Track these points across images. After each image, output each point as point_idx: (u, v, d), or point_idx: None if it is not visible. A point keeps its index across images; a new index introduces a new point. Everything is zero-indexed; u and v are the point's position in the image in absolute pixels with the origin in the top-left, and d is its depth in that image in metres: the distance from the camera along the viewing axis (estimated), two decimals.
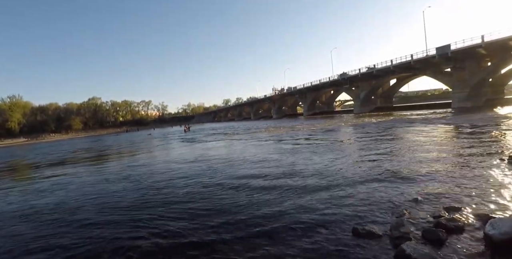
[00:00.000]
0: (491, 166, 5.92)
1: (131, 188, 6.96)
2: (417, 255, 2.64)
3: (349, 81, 56.85)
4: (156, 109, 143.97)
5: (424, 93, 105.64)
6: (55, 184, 8.74)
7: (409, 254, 2.66)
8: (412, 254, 2.66)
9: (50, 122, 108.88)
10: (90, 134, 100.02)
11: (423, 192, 4.58)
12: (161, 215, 4.64)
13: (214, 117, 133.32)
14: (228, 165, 9.05)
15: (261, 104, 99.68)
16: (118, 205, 5.53)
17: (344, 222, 3.70)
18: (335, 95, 74.97)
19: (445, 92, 77.23)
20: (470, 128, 13.64)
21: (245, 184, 6.23)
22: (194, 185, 6.70)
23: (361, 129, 18.61)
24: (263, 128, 30.52)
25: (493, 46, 32.43)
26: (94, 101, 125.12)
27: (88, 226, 4.45)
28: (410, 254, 2.66)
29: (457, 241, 2.97)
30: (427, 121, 20.32)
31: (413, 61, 41.85)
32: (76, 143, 44.25)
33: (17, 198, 7.24)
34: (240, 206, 4.78)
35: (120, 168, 10.80)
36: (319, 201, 4.62)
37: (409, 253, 2.67)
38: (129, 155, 16.69)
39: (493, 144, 8.69)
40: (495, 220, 3.06)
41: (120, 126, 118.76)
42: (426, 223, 3.43)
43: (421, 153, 8.19)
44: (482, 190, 4.45)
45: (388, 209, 4.00)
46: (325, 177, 6.25)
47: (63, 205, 5.96)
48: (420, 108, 45.03)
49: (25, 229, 4.65)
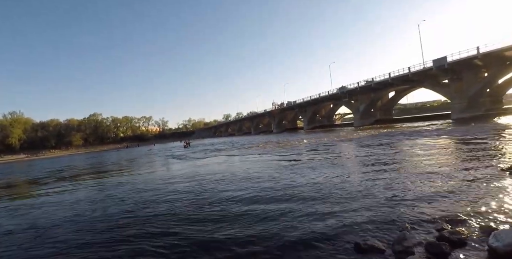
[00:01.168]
0: (492, 177, 5.87)
1: (111, 208, 6.82)
2: None
3: (348, 95, 57.30)
4: (157, 125, 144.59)
5: (423, 104, 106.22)
6: (30, 204, 8.79)
7: None
8: None
9: (50, 138, 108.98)
10: (90, 150, 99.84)
11: (425, 205, 4.53)
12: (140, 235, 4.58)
13: (215, 132, 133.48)
14: (226, 182, 8.97)
15: (261, 119, 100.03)
16: (94, 226, 5.40)
17: (346, 237, 3.63)
18: (334, 109, 75.34)
19: (444, 103, 77.67)
20: (470, 139, 13.62)
21: (242, 201, 6.17)
22: (183, 203, 6.63)
23: (360, 143, 18.59)
24: (263, 143, 30.47)
25: (489, 57, 32.91)
26: (95, 117, 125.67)
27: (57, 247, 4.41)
28: None
29: (461, 254, 2.91)
30: (427, 133, 20.32)
31: (410, 73, 42.35)
32: (75, 159, 44.08)
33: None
34: (237, 221, 4.72)
35: (110, 186, 10.67)
36: (319, 216, 4.55)
37: None
38: (123, 172, 16.59)
39: (494, 155, 8.66)
40: (498, 232, 3.02)
41: (120, 142, 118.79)
42: (429, 237, 3.37)
43: (422, 165, 8.15)
44: (484, 201, 4.41)
45: (390, 223, 3.94)
46: (325, 192, 6.17)
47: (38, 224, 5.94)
48: (419, 120, 45.13)
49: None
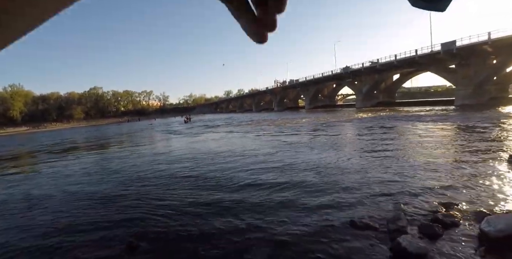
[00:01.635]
0: (491, 164, 5.94)
1: (105, 180, 7.11)
2: (412, 248, 2.70)
3: (352, 75, 56.51)
4: (157, 100, 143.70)
5: (427, 89, 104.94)
6: (27, 175, 8.93)
7: (405, 247, 2.72)
8: (408, 247, 2.71)
9: (51, 111, 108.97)
10: (91, 124, 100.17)
11: (421, 188, 4.62)
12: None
13: (216, 108, 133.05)
14: (223, 159, 9.09)
15: (263, 96, 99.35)
16: (84, 197, 5.67)
17: (342, 215, 3.75)
18: (337, 89, 74.57)
19: (449, 89, 76.71)
20: (472, 126, 13.61)
21: (243, 178, 6.29)
22: (179, 177, 6.76)
23: (361, 124, 18.59)
24: (265, 120, 30.49)
25: (500, 43, 32.06)
26: (96, 91, 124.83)
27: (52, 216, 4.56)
28: (405, 247, 2.71)
29: (453, 236, 3.02)
30: (429, 118, 20.27)
31: (417, 56, 41.49)
32: (76, 132, 44.36)
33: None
34: (236, 200, 4.84)
35: (107, 159, 10.89)
36: (316, 194, 4.67)
37: (404, 246, 2.73)
38: (122, 146, 16.77)
39: (494, 143, 8.69)
40: (491, 217, 3.11)
41: (121, 116, 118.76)
42: (423, 218, 3.48)
43: (421, 149, 8.21)
44: (481, 187, 4.49)
45: (386, 204, 4.05)
46: (322, 171, 6.29)
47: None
48: (422, 104, 44.78)
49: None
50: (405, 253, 2.68)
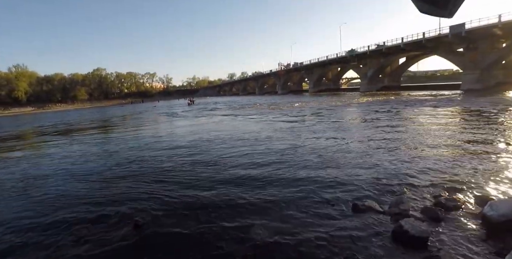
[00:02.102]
0: (496, 150, 5.91)
1: (103, 161, 7.17)
2: (414, 231, 2.72)
3: (357, 58, 55.49)
4: (161, 82, 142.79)
5: (433, 73, 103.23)
6: (31, 155, 8.97)
7: (407, 230, 2.74)
8: (410, 230, 2.73)
9: (56, 92, 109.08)
10: (95, 105, 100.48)
11: (425, 172, 4.62)
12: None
13: (219, 91, 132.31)
14: (225, 143, 9.11)
15: (266, 79, 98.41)
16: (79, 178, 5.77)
17: (345, 198, 3.78)
18: (342, 73, 73.55)
19: (455, 73, 75.34)
20: (478, 111, 13.45)
21: (243, 159, 6.32)
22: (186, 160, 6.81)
23: (365, 108, 18.46)
24: (268, 104, 30.35)
25: (511, 26, 31.15)
26: (99, 72, 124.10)
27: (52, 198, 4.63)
28: (407, 230, 2.74)
29: (455, 220, 3.04)
30: (434, 102, 20.03)
31: (424, 39, 40.48)
32: (81, 113, 44.56)
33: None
34: (232, 183, 4.88)
35: (109, 141, 10.96)
36: (319, 178, 4.68)
37: (406, 229, 2.75)
38: (127, 127, 16.83)
39: (500, 128, 8.61)
40: (494, 202, 3.12)
41: (125, 97, 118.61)
42: (425, 202, 3.50)
43: (426, 134, 8.16)
44: (484, 173, 4.48)
45: (389, 187, 4.07)
46: (325, 155, 6.30)
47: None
48: (428, 89, 44.22)
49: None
50: (407, 236, 2.71)
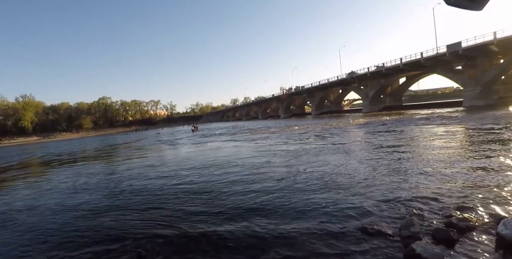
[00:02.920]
0: (503, 166, 5.80)
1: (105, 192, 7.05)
2: (427, 254, 2.61)
3: (358, 80, 56.36)
4: (165, 109, 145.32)
5: (434, 91, 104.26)
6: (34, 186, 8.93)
7: (419, 254, 2.63)
8: (423, 253, 2.62)
9: (61, 121, 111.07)
10: (100, 133, 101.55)
11: (434, 192, 4.52)
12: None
13: (222, 116, 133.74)
14: (235, 167, 9.07)
15: (269, 104, 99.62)
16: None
17: (354, 222, 3.67)
18: (343, 94, 74.40)
19: (456, 90, 76.08)
20: (482, 127, 13.37)
21: (252, 186, 6.24)
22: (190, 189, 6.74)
23: (368, 129, 18.44)
24: (270, 128, 30.48)
25: (506, 42, 31.79)
26: (104, 101, 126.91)
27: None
28: (420, 254, 2.63)
29: (469, 241, 2.93)
30: (438, 120, 20.01)
31: (423, 59, 41.29)
32: (84, 142, 44.89)
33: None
34: (240, 206, 4.80)
35: (110, 169, 10.94)
36: (327, 202, 4.57)
37: (419, 253, 2.64)
38: (130, 155, 16.86)
39: (506, 144, 8.52)
40: (508, 219, 3.01)
41: (129, 125, 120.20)
42: (437, 223, 3.38)
43: (432, 152, 8.07)
44: (494, 190, 4.37)
45: (398, 209, 3.96)
46: (331, 178, 6.19)
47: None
48: (430, 107, 44.39)
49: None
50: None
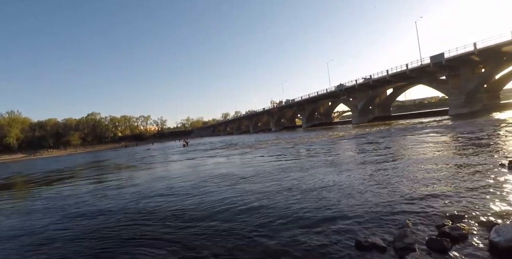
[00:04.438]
0: (491, 172, 5.87)
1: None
2: None
3: (346, 92, 57.34)
4: (155, 124, 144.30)
5: (421, 101, 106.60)
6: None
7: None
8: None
9: (48, 138, 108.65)
10: (88, 150, 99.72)
11: (425, 201, 4.51)
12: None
13: (213, 131, 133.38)
14: (221, 185, 8.96)
15: (260, 117, 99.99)
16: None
17: (347, 235, 3.61)
18: (333, 106, 75.35)
19: (442, 99, 77.86)
20: (468, 134, 13.64)
21: (242, 202, 6.16)
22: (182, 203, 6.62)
23: (358, 140, 18.61)
24: (261, 142, 30.44)
25: (486, 52, 32.97)
26: (93, 117, 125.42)
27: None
28: None
29: (462, 249, 2.91)
30: (424, 129, 20.36)
31: (408, 70, 42.40)
32: (72, 159, 43.93)
33: None
34: (232, 224, 4.70)
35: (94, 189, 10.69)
36: (319, 215, 4.51)
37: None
38: (118, 172, 16.55)
39: (492, 150, 8.67)
40: (499, 226, 3.01)
41: (119, 141, 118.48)
42: (430, 233, 3.36)
43: (420, 161, 8.14)
44: (484, 197, 4.40)
45: (391, 220, 3.93)
46: (323, 190, 6.13)
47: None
48: (417, 117, 45.24)
49: None
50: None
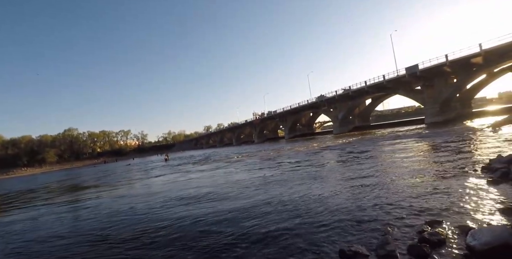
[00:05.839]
0: (465, 177, 6.09)
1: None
2: None
3: (327, 103, 58.40)
4: (136, 138, 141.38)
5: (399, 111, 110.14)
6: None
7: None
8: None
9: (22, 156, 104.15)
10: (65, 167, 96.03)
11: (405, 209, 4.60)
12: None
13: (196, 144, 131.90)
14: (205, 200, 8.84)
15: (243, 129, 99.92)
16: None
17: (330, 244, 3.62)
18: (314, 117, 76.39)
19: (418, 109, 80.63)
20: (443, 141, 14.15)
21: (228, 215, 6.08)
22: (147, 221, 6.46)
23: (339, 150, 18.89)
24: (244, 154, 30.32)
25: (457, 64, 34.67)
26: (70, 133, 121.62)
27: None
28: None
29: (441, 254, 2.97)
30: (402, 138, 20.94)
31: (385, 81, 43.86)
32: (44, 178, 42.06)
33: None
34: (215, 238, 4.62)
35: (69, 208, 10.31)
36: (302, 225, 4.51)
37: None
38: (95, 190, 16.01)
39: (465, 156, 9.01)
40: (475, 231, 3.11)
41: (97, 157, 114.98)
42: (410, 239, 3.42)
43: (399, 170, 8.32)
44: (460, 202, 4.54)
45: (373, 228, 3.97)
46: (305, 202, 6.12)
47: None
48: (395, 126, 46.48)
49: None
50: None
